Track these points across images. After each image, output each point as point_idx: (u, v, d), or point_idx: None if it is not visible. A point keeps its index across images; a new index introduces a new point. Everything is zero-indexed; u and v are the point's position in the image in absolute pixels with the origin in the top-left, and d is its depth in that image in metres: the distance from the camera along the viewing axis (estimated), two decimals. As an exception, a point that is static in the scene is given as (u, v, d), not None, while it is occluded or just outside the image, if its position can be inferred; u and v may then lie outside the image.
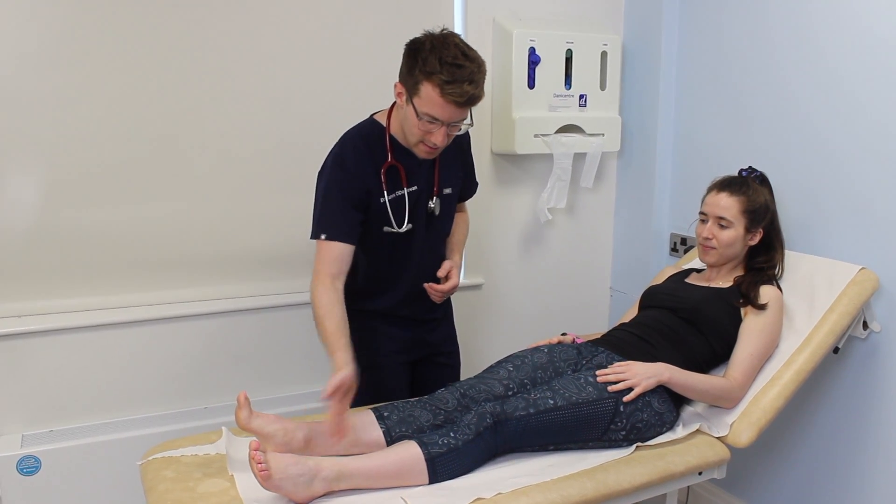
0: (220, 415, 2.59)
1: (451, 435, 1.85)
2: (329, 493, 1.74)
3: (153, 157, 2.49)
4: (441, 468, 1.81)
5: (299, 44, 2.63)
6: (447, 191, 2.25)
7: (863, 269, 2.32)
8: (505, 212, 3.08)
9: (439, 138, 2.00)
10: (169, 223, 2.55)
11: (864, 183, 2.37)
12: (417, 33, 2.02)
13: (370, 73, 2.70)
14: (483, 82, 1.96)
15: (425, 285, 2.22)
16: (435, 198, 2.20)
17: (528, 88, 2.88)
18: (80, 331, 2.47)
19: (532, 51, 2.85)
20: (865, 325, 2.36)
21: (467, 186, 2.41)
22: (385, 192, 2.11)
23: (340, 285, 2.06)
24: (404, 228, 2.15)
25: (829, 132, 2.46)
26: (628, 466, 1.93)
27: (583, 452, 1.98)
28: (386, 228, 2.14)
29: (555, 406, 1.93)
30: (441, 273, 2.22)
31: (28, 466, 2.35)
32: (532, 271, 3.20)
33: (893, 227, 2.30)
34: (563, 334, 2.36)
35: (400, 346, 2.32)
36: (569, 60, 2.94)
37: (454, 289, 2.24)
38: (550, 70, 2.90)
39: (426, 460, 1.80)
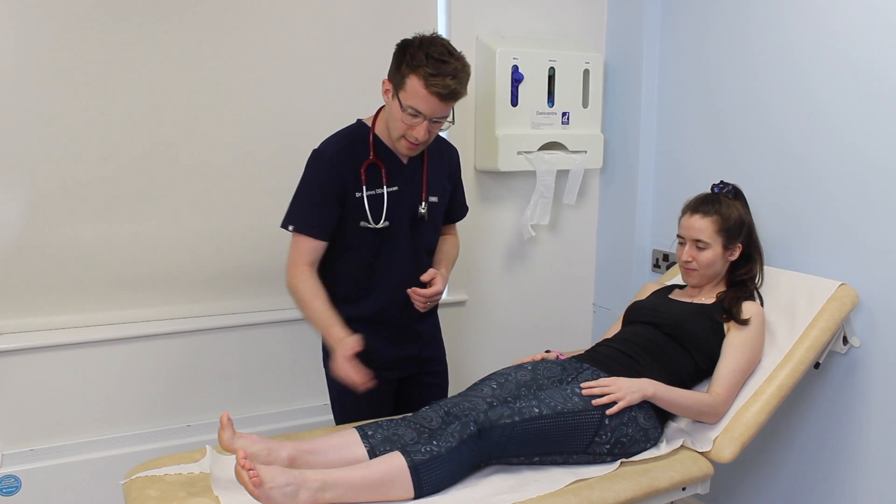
0: (204, 432, 2.58)
1: (435, 443, 1.85)
2: None
3: (135, 174, 2.49)
4: (425, 476, 1.80)
5: (284, 64, 2.64)
6: (433, 199, 2.29)
7: (842, 284, 2.35)
8: (488, 229, 3.09)
9: (421, 133, 2.07)
10: (151, 240, 2.54)
11: (842, 200, 2.40)
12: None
13: (357, 92, 2.71)
14: (466, 81, 2.06)
15: (409, 290, 2.23)
16: (424, 203, 2.25)
17: (511, 106, 2.90)
18: (61, 348, 2.45)
19: (515, 69, 2.87)
20: (845, 341, 2.38)
21: (457, 208, 2.45)
22: (364, 188, 2.17)
23: (315, 271, 2.19)
24: (381, 225, 2.19)
25: (808, 150, 2.50)
26: (612, 482, 1.93)
27: (567, 468, 1.98)
28: (362, 223, 2.19)
29: (539, 415, 1.93)
30: (425, 278, 2.24)
31: (8, 486, 2.32)
32: (515, 288, 3.21)
33: (872, 243, 2.33)
34: (547, 351, 2.36)
35: (385, 362, 2.31)
36: (551, 78, 2.97)
37: (437, 295, 2.25)
38: (533, 88, 2.92)
39: (410, 468, 1.79)
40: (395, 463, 1.80)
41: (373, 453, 1.90)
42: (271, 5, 2.59)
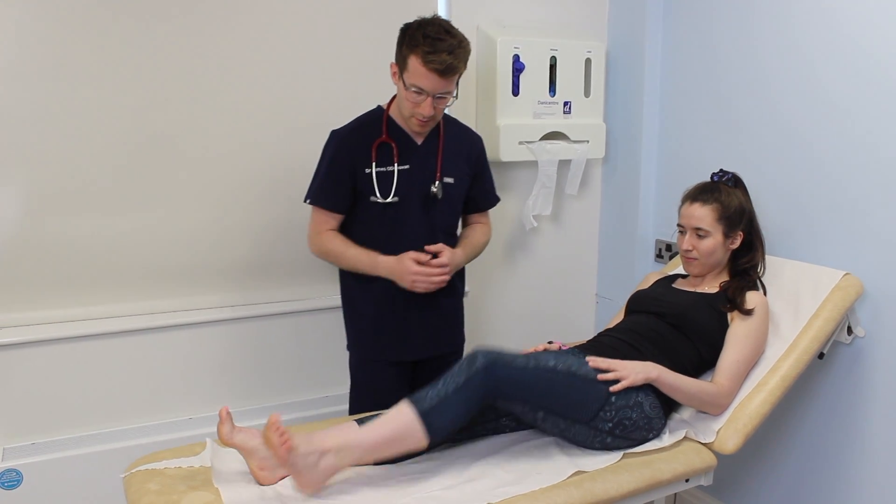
0: (205, 425, 2.57)
1: (441, 384, 1.86)
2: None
3: (137, 167, 2.48)
4: (436, 421, 1.82)
5: (286, 54, 2.63)
6: (448, 179, 2.35)
7: (847, 274, 2.33)
8: (490, 219, 3.06)
9: (427, 108, 2.18)
10: (152, 233, 2.53)
11: (847, 188, 2.38)
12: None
13: (356, 84, 2.70)
14: (464, 57, 2.16)
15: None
16: (437, 182, 2.31)
17: (512, 96, 2.88)
18: (62, 342, 2.44)
19: (516, 58, 2.85)
20: (850, 331, 2.37)
21: (484, 195, 2.53)
22: (373, 165, 2.27)
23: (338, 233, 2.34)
24: (389, 200, 2.28)
25: (812, 138, 2.48)
26: (615, 474, 1.92)
27: (570, 458, 1.97)
28: (372, 198, 2.28)
29: (554, 367, 1.94)
30: (430, 248, 2.27)
31: (9, 480, 2.32)
32: (518, 278, 3.20)
33: (877, 232, 2.31)
34: (549, 342, 2.35)
35: (400, 344, 2.36)
36: (553, 67, 2.95)
37: (443, 268, 2.26)
38: (535, 77, 2.90)
39: (420, 417, 1.81)
40: (404, 417, 1.83)
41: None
42: (270, -4, 2.57)
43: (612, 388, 1.98)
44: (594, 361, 2.03)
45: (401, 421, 1.82)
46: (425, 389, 1.87)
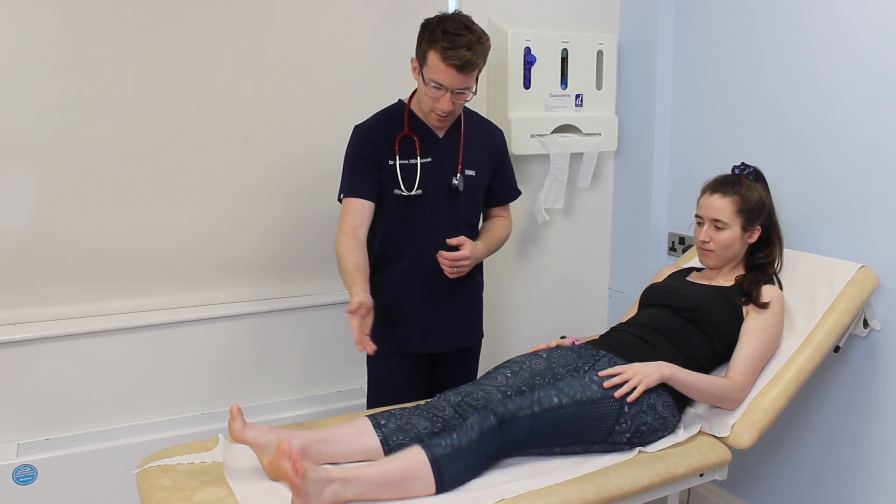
0: (217, 420, 2.57)
1: (455, 437, 1.82)
2: None
3: (148, 163, 2.48)
4: (446, 469, 1.77)
5: (298, 49, 2.62)
6: (469, 172, 2.37)
7: (862, 267, 2.31)
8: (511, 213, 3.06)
9: (445, 104, 2.19)
10: (164, 229, 2.54)
11: (862, 180, 2.36)
12: (412, 36, 2.21)
13: (367, 78, 2.70)
14: (482, 53, 2.16)
15: (438, 254, 2.28)
16: (459, 175, 2.33)
17: (523, 88, 2.86)
18: (75, 338, 2.45)
19: (528, 51, 2.83)
20: (866, 324, 2.34)
21: (505, 189, 2.54)
22: (397, 158, 2.29)
23: (362, 234, 2.28)
24: (413, 192, 2.30)
25: (825, 130, 2.45)
26: (629, 469, 1.91)
27: (585, 456, 1.97)
28: (396, 191, 2.30)
29: (559, 404, 1.91)
30: (451, 241, 2.29)
31: (24, 475, 2.33)
32: (530, 272, 3.18)
33: (892, 224, 2.29)
34: (563, 337, 2.34)
35: (417, 336, 2.37)
36: (564, 60, 2.93)
37: (463, 260, 2.27)
38: (546, 70, 2.89)
39: (431, 462, 1.76)
40: (415, 458, 1.77)
41: (385, 443, 1.89)
42: (281, -10, 2.57)
43: (630, 399, 1.97)
44: (607, 381, 2.00)
45: (411, 461, 1.76)
46: (439, 437, 1.83)
